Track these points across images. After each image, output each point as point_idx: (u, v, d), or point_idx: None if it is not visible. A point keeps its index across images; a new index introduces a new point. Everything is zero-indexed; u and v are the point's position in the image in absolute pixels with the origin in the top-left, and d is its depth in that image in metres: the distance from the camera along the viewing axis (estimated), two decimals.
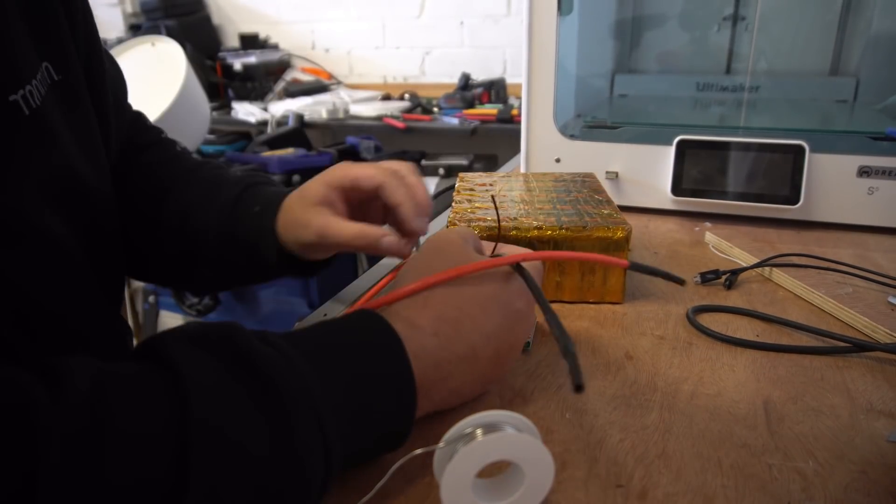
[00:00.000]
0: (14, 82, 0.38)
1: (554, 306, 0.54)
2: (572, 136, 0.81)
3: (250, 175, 0.56)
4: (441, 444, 0.30)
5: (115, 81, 0.55)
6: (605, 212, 0.56)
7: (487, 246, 0.47)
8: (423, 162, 1.82)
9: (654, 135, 0.78)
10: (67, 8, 0.45)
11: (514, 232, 0.53)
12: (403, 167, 0.51)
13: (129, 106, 0.59)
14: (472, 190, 0.65)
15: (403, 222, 0.49)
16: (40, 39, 0.42)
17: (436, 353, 0.35)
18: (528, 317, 0.41)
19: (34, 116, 0.39)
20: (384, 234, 0.47)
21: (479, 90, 2.17)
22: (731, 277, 0.59)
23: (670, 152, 0.75)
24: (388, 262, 0.66)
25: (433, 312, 0.37)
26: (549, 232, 0.53)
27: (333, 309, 0.57)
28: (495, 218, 0.55)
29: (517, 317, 0.39)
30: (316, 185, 0.50)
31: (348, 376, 0.32)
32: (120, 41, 1.91)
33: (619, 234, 0.52)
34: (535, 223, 0.53)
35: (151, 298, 1.91)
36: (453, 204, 0.60)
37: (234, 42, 2.66)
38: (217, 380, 0.28)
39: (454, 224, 0.54)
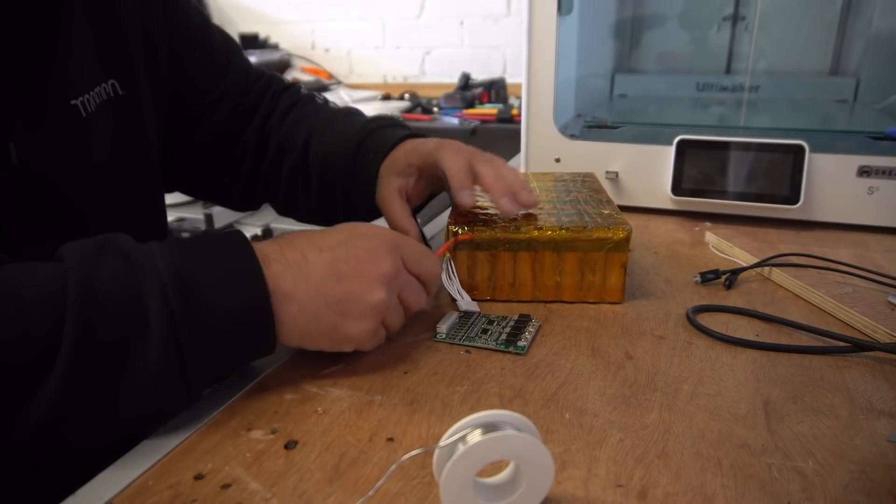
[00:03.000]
0: (74, 90, 0.48)
1: (554, 306, 0.55)
2: (572, 136, 0.81)
3: (374, 120, 0.65)
4: (441, 444, 0.30)
5: (221, 57, 0.64)
6: (606, 212, 0.56)
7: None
8: None
9: (654, 135, 0.78)
10: (146, 32, 0.55)
11: (514, 232, 0.53)
12: (477, 151, 0.56)
13: (250, 74, 0.67)
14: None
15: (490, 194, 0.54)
16: (110, 58, 0.52)
17: (265, 251, 0.40)
18: (378, 251, 0.42)
19: (88, 119, 0.49)
20: (412, 234, 0.56)
21: (479, 90, 2.17)
22: (731, 277, 0.59)
23: (670, 152, 0.75)
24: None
25: (282, 240, 0.42)
26: (550, 232, 0.53)
27: None
28: (493, 218, 0.55)
29: (359, 244, 0.42)
30: (402, 159, 0.58)
31: (191, 255, 0.38)
32: None
33: (620, 234, 0.52)
34: (535, 223, 0.53)
35: None
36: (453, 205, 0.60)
37: None
38: (91, 260, 0.35)
39: (454, 224, 0.54)
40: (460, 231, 0.53)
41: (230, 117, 0.64)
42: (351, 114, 0.67)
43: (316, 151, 0.63)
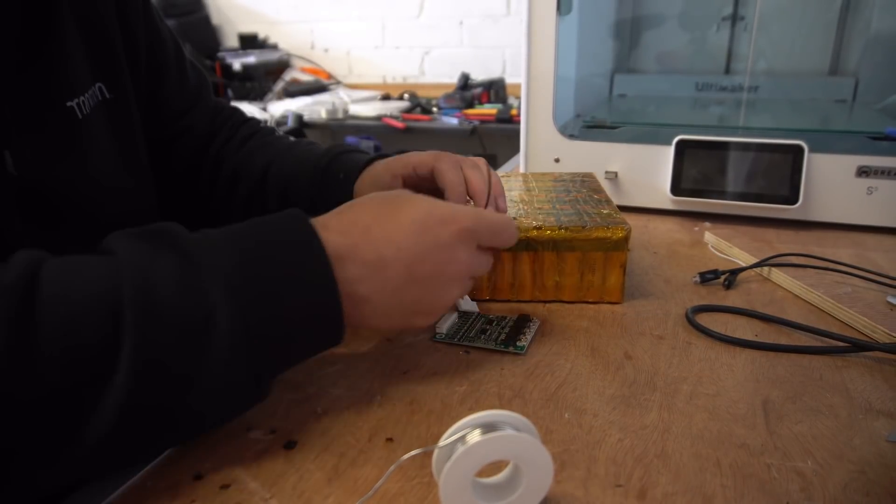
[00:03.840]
0: (70, 91, 0.48)
1: (553, 306, 0.55)
2: (572, 136, 0.81)
3: (337, 146, 0.63)
4: (440, 444, 0.30)
5: (192, 85, 0.64)
6: (605, 212, 0.56)
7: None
8: None
9: (653, 135, 0.78)
10: (127, 39, 0.54)
11: None
12: (465, 158, 0.55)
13: (217, 104, 0.68)
14: None
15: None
16: (97, 62, 0.51)
17: (339, 250, 0.36)
18: (452, 248, 0.40)
19: (84, 121, 0.48)
20: None
21: (478, 90, 2.17)
22: (731, 277, 0.59)
23: (670, 152, 0.75)
24: None
25: (346, 218, 0.39)
26: (549, 232, 0.53)
27: None
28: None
29: (436, 242, 0.39)
30: (383, 172, 0.56)
31: (256, 248, 0.35)
32: None
33: (619, 234, 0.52)
34: (534, 223, 0.53)
35: None
36: None
37: (233, 42, 2.66)
38: (146, 256, 0.33)
39: None
40: None
41: (195, 143, 0.65)
42: (312, 143, 0.67)
43: (277, 177, 0.62)
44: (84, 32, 0.50)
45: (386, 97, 2.37)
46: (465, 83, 2.21)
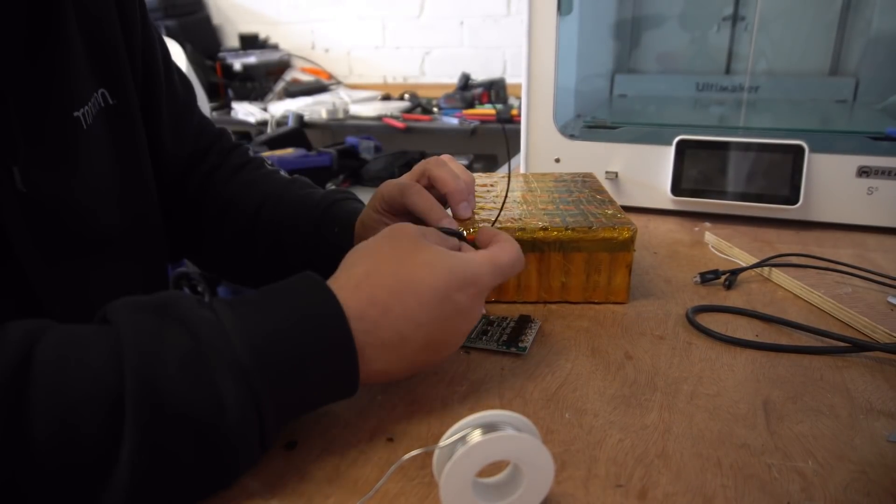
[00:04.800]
0: (76, 101, 0.47)
1: (554, 306, 0.55)
2: (572, 136, 0.81)
3: (332, 192, 0.62)
4: (440, 444, 0.30)
5: (181, 100, 0.62)
6: (609, 212, 0.56)
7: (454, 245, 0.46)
8: None
9: (653, 135, 0.78)
10: (128, 44, 0.53)
11: (519, 233, 0.53)
12: (443, 160, 0.55)
13: (202, 120, 0.66)
14: None
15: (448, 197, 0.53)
16: (100, 68, 0.50)
17: (358, 337, 0.35)
18: (471, 310, 0.39)
19: (89, 131, 0.48)
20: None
21: (478, 90, 2.17)
22: (731, 277, 0.59)
23: (670, 152, 0.75)
24: None
25: (364, 294, 0.36)
26: (555, 233, 0.53)
27: None
28: (497, 219, 0.55)
29: (455, 309, 0.38)
30: (368, 212, 0.55)
31: (275, 330, 0.33)
32: None
33: (626, 233, 0.52)
34: (539, 224, 0.53)
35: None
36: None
37: (233, 42, 2.66)
38: (150, 339, 0.31)
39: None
40: (464, 233, 0.53)
41: (178, 163, 0.63)
42: (306, 185, 0.65)
43: (270, 219, 0.60)
44: (86, 35, 0.49)
45: (386, 97, 2.37)
46: (466, 83, 2.21)
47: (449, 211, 0.55)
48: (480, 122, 1.98)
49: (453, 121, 2.02)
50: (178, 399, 0.30)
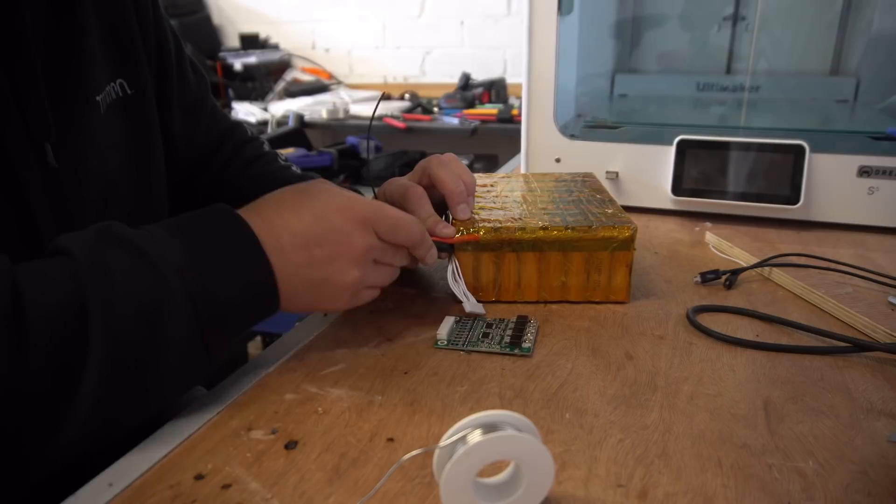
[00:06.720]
0: (96, 86, 0.49)
1: (554, 306, 0.54)
2: (572, 136, 0.81)
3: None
4: (441, 445, 0.30)
5: (193, 92, 0.64)
6: (610, 211, 0.56)
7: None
8: None
9: (654, 135, 0.78)
10: (144, 33, 0.55)
11: (519, 233, 0.53)
12: (446, 159, 0.57)
13: (216, 112, 0.68)
14: None
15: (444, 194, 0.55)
16: (117, 59, 0.52)
17: (257, 229, 0.41)
18: (348, 233, 0.43)
19: (105, 116, 0.50)
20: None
21: (479, 90, 2.17)
22: (731, 277, 0.59)
23: (670, 152, 0.75)
24: None
25: (260, 215, 0.42)
26: (556, 232, 0.53)
27: None
28: (498, 218, 0.55)
29: (331, 226, 0.43)
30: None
31: (197, 238, 0.40)
32: None
33: (626, 233, 0.52)
34: (540, 223, 0.53)
35: None
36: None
37: (234, 42, 2.66)
38: (98, 252, 0.36)
39: (454, 225, 0.54)
40: (465, 232, 0.53)
41: (194, 154, 0.64)
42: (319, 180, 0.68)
43: None
44: (105, 26, 0.51)
45: (387, 97, 2.36)
46: (466, 83, 2.21)
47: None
48: (481, 121, 1.98)
49: (454, 121, 2.02)
50: (128, 294, 0.35)
